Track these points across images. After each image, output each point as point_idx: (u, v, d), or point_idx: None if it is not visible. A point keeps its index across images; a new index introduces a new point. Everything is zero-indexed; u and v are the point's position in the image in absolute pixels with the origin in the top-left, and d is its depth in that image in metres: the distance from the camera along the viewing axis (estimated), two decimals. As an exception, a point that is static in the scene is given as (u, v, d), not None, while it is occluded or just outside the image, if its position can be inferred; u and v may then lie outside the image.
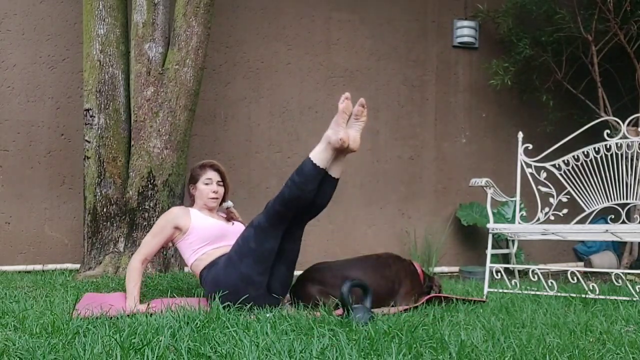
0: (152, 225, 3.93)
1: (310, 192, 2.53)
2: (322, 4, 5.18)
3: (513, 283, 3.56)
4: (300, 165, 2.57)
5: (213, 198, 2.91)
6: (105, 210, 3.97)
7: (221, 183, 2.97)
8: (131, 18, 4.16)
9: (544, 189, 3.85)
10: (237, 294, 2.52)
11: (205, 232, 2.78)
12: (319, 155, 2.55)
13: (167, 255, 4.00)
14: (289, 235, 2.63)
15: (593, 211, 3.88)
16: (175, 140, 4.04)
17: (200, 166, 2.98)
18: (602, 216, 4.75)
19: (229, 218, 3.00)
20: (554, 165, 3.91)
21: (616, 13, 4.76)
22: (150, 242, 2.80)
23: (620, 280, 3.40)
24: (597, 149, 3.84)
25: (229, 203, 3.04)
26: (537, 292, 3.37)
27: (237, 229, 2.88)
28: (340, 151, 2.57)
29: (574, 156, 3.89)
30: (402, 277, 2.93)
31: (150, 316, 2.19)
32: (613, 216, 3.75)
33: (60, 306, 2.53)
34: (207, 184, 2.92)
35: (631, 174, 3.72)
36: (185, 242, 2.81)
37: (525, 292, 3.43)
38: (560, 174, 3.89)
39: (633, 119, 3.83)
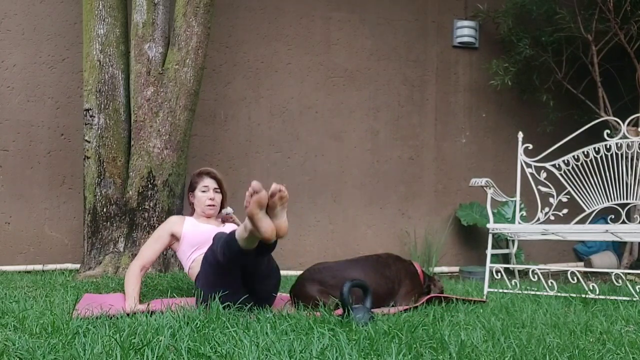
0: (152, 225, 3.95)
1: (245, 261, 2.41)
2: (322, 4, 5.18)
3: (513, 283, 3.55)
4: (227, 239, 2.36)
5: (210, 205, 2.94)
6: (105, 210, 3.97)
7: (218, 190, 2.99)
8: (131, 18, 4.16)
9: (544, 189, 3.85)
10: (226, 297, 2.47)
11: (194, 238, 2.82)
12: (242, 241, 2.30)
13: (167, 255, 4.00)
14: (247, 265, 2.47)
15: (593, 211, 3.88)
16: (175, 140, 4.04)
17: (197, 173, 3.01)
18: (602, 216, 4.75)
19: (227, 222, 3.03)
20: (554, 165, 3.91)
21: (616, 13, 4.75)
22: (147, 250, 2.84)
23: (620, 280, 3.40)
24: (597, 149, 3.84)
25: (229, 209, 3.06)
26: (537, 292, 3.37)
27: (229, 229, 2.86)
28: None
29: (574, 156, 3.89)
30: (402, 277, 2.93)
31: (150, 316, 2.19)
32: (613, 216, 3.75)
33: (60, 306, 2.53)
34: (203, 191, 2.95)
35: (631, 174, 3.72)
36: (180, 250, 2.87)
37: (525, 292, 3.43)
38: (560, 174, 3.89)
39: (633, 119, 3.83)
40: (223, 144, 4.87)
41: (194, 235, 2.82)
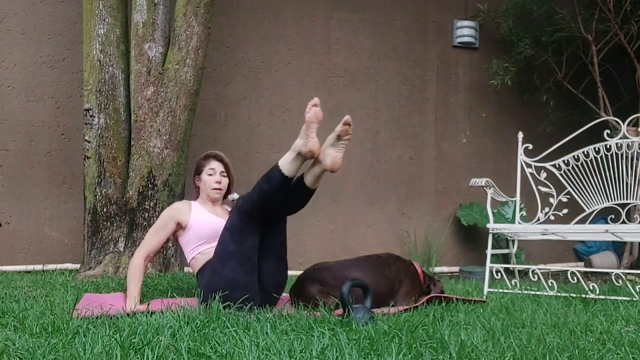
0: (152, 225, 3.94)
1: (279, 200, 2.50)
2: (322, 4, 5.18)
3: (513, 283, 3.55)
4: (268, 172, 2.51)
5: (216, 189, 2.88)
6: (105, 210, 3.97)
7: (225, 174, 2.93)
8: (131, 18, 4.16)
9: (544, 189, 3.85)
10: (229, 298, 2.48)
11: (201, 230, 2.77)
12: (287, 165, 2.49)
13: (167, 255, 4.00)
14: (268, 230, 2.58)
15: (593, 211, 3.88)
16: (175, 140, 4.04)
17: (204, 157, 2.95)
18: (602, 216, 4.75)
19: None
20: (554, 165, 3.91)
21: (616, 13, 4.75)
22: (152, 239, 2.78)
23: (620, 280, 3.40)
24: (597, 149, 3.84)
25: (235, 195, 2.99)
26: (537, 292, 3.37)
27: None
28: (316, 163, 2.53)
29: (574, 156, 3.89)
30: (402, 277, 2.93)
31: (150, 316, 2.19)
32: (613, 216, 3.75)
33: (60, 306, 2.53)
34: (210, 174, 2.88)
35: (631, 174, 3.72)
36: (184, 239, 2.80)
37: (525, 292, 3.43)
38: (560, 174, 3.89)
39: (633, 119, 3.83)
40: (223, 144, 4.87)
41: (202, 227, 2.76)
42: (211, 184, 2.87)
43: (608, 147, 3.81)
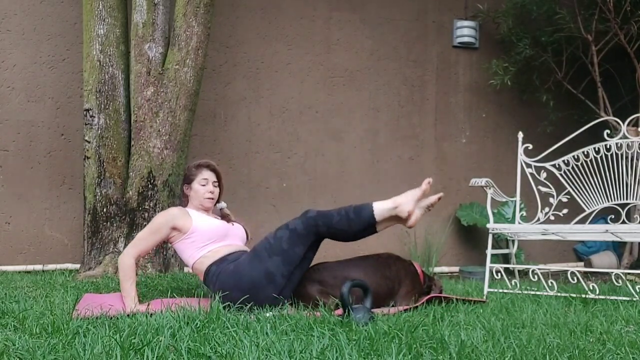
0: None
1: (354, 231, 2.65)
2: (322, 4, 5.18)
3: (513, 283, 3.55)
4: (361, 205, 2.66)
5: (209, 198, 2.90)
6: (105, 210, 3.97)
7: (217, 184, 2.95)
8: (131, 18, 4.16)
9: (544, 189, 3.85)
10: (256, 289, 2.53)
11: (210, 232, 2.77)
12: (382, 211, 2.63)
13: (167, 256, 4.00)
14: (314, 244, 2.69)
15: (593, 211, 3.88)
16: (175, 140, 4.04)
17: (196, 166, 2.95)
18: (602, 216, 4.75)
19: (228, 219, 3.00)
20: (554, 165, 3.91)
21: (616, 13, 4.75)
22: (145, 240, 2.77)
23: (620, 280, 3.40)
24: (597, 149, 3.84)
25: (223, 204, 3.04)
26: (537, 292, 3.37)
27: (237, 229, 2.90)
28: (397, 219, 2.67)
29: (574, 156, 3.89)
30: (402, 277, 2.93)
31: (150, 316, 2.19)
32: (613, 216, 3.75)
33: (60, 306, 2.53)
34: (203, 184, 2.89)
35: (631, 174, 3.72)
36: (186, 242, 2.79)
37: (525, 292, 3.43)
38: (560, 174, 3.89)
39: (633, 119, 3.83)
40: (223, 144, 4.87)
41: (209, 227, 2.77)
42: (204, 193, 2.89)
43: (608, 147, 3.81)
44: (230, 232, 2.84)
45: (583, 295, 3.15)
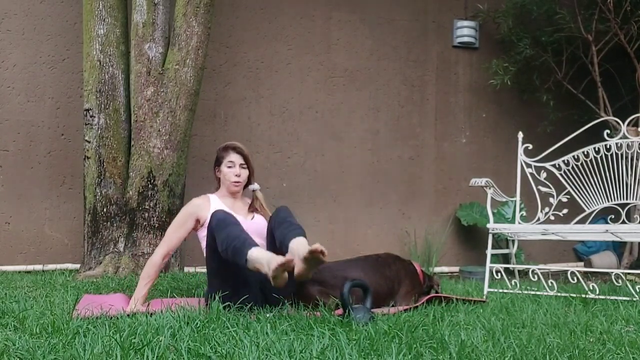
0: (152, 225, 3.95)
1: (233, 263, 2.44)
2: (322, 4, 5.18)
3: (513, 283, 3.55)
4: (239, 249, 2.36)
5: (235, 182, 2.83)
6: (105, 210, 3.97)
7: (244, 166, 2.88)
8: (131, 18, 4.16)
9: (544, 189, 3.85)
10: (230, 297, 2.47)
11: None
12: (253, 262, 2.31)
13: (167, 255, 4.00)
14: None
15: (593, 211, 3.88)
16: (175, 140, 4.04)
17: (223, 148, 2.90)
18: (602, 216, 4.75)
19: (253, 206, 2.90)
20: (554, 165, 3.91)
21: (616, 13, 4.75)
22: (172, 236, 2.75)
23: (620, 280, 3.40)
24: (597, 149, 3.84)
25: (255, 186, 2.95)
26: (537, 292, 3.37)
27: (256, 224, 2.81)
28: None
29: (574, 156, 3.89)
30: (402, 277, 2.93)
31: (150, 316, 2.19)
32: (613, 216, 3.75)
33: (60, 306, 2.53)
34: (229, 167, 2.84)
35: (631, 174, 3.72)
36: (202, 234, 2.75)
37: (525, 292, 3.43)
38: (560, 174, 3.89)
39: (633, 119, 3.83)
40: (223, 144, 4.86)
41: None
42: (231, 176, 2.83)
43: (608, 147, 3.81)
44: (247, 227, 2.67)
45: (583, 295, 3.15)
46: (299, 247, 2.31)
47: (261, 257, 2.27)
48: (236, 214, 2.75)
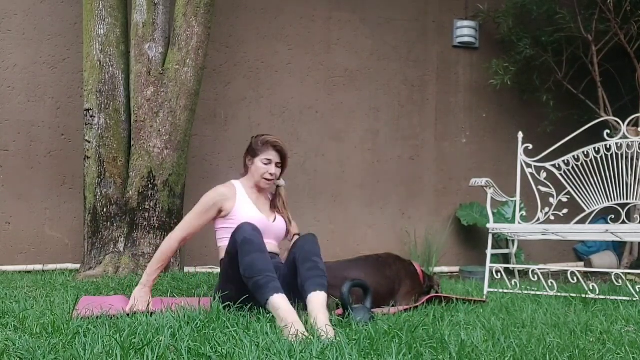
0: (153, 225, 3.95)
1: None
2: (322, 4, 5.17)
3: (513, 283, 3.55)
4: (263, 287, 2.24)
5: (268, 180, 2.77)
6: (105, 210, 3.97)
7: (280, 164, 2.83)
8: (131, 18, 4.16)
9: (544, 189, 3.85)
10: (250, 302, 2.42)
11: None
12: (272, 309, 2.19)
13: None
14: None
15: (593, 211, 3.88)
16: (175, 140, 4.04)
17: (263, 142, 2.79)
18: (602, 216, 4.74)
19: (274, 205, 2.84)
20: (554, 165, 3.91)
21: (616, 13, 4.75)
22: (193, 222, 2.68)
23: (620, 280, 3.40)
24: (597, 149, 3.84)
25: (282, 182, 2.90)
26: (537, 292, 3.37)
27: (277, 228, 2.77)
28: None
29: (574, 156, 3.89)
30: (402, 277, 2.93)
31: (151, 316, 2.19)
32: (613, 216, 3.75)
33: (60, 306, 2.53)
34: (265, 163, 2.76)
35: (631, 174, 3.72)
36: (222, 225, 2.70)
37: (526, 292, 3.43)
38: (560, 174, 3.89)
39: (633, 119, 3.83)
40: (223, 144, 4.87)
41: (242, 220, 2.55)
42: (264, 173, 2.75)
43: (608, 147, 3.81)
44: (267, 229, 2.66)
45: (583, 295, 3.15)
46: (318, 315, 2.16)
47: (282, 313, 2.12)
48: (260, 210, 2.73)
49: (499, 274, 3.63)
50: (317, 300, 2.23)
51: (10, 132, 4.47)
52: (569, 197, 3.82)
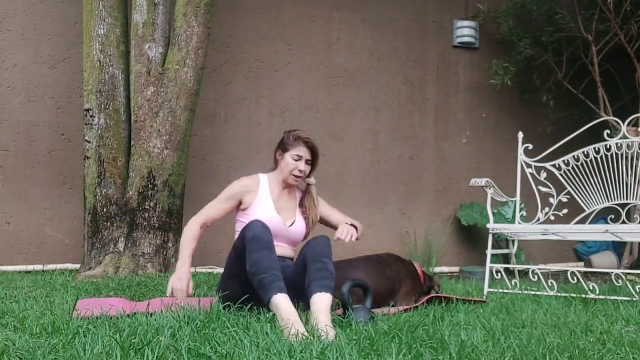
0: (152, 225, 3.95)
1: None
2: (322, 4, 5.18)
3: (513, 283, 3.55)
4: (267, 286, 2.22)
5: (296, 176, 2.73)
6: (105, 210, 3.97)
7: (310, 161, 2.80)
8: (131, 18, 4.16)
9: (544, 189, 3.85)
10: (252, 300, 2.40)
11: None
12: (274, 309, 2.19)
13: (167, 255, 4.00)
14: None
15: (593, 211, 3.88)
16: (175, 140, 4.04)
17: (295, 137, 2.75)
18: (602, 216, 4.74)
19: (303, 203, 2.81)
20: (554, 165, 3.91)
21: (616, 13, 4.75)
22: (216, 207, 2.66)
23: (620, 280, 3.40)
24: (597, 149, 3.84)
25: (311, 180, 2.87)
26: (537, 292, 3.37)
27: (293, 233, 2.73)
28: None
29: (574, 156, 3.89)
30: (402, 277, 2.93)
31: (150, 316, 2.19)
32: (613, 216, 3.75)
33: (60, 306, 2.53)
34: (295, 159, 2.72)
35: (631, 174, 3.72)
36: (239, 217, 2.68)
37: (525, 292, 3.43)
38: (560, 174, 3.89)
39: (633, 119, 3.83)
40: (223, 144, 4.87)
41: (262, 218, 2.51)
42: (293, 169, 2.72)
43: (608, 147, 3.81)
44: (280, 233, 2.64)
45: (583, 295, 3.15)
46: (319, 316, 2.16)
47: (283, 313, 2.11)
48: (278, 212, 2.68)
49: (499, 274, 3.63)
50: (321, 301, 2.22)
51: (10, 132, 4.47)
52: (569, 197, 3.82)
